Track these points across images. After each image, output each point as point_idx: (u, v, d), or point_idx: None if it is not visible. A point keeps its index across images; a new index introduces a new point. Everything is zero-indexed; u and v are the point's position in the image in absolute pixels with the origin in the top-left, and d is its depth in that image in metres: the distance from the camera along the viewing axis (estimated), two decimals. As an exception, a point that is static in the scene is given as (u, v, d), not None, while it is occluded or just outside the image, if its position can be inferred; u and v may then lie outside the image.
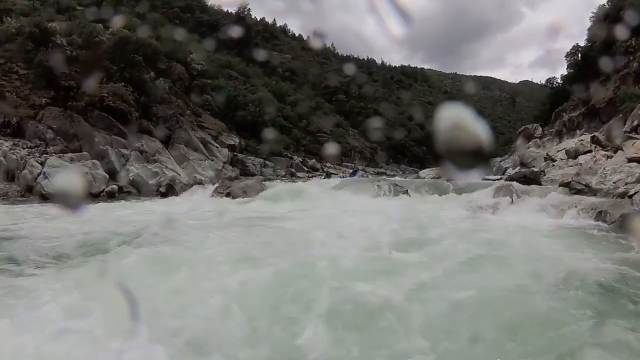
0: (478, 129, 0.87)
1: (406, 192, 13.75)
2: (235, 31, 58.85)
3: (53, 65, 25.02)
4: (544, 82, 62.44)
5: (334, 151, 39.05)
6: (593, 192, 10.70)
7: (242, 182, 17.23)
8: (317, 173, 33.49)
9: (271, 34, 77.28)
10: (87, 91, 25.51)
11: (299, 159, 37.70)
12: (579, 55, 36.66)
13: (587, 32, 37.39)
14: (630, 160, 13.53)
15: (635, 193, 8.56)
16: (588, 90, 31.61)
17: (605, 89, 28.24)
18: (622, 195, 9.41)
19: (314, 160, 40.64)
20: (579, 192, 10.94)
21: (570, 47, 39.36)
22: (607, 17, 32.58)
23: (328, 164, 40.78)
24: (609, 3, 34.94)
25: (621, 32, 28.88)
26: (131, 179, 21.31)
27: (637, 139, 16.70)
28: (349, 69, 71.03)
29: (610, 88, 27.44)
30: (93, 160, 21.51)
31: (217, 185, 18.34)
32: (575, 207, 9.40)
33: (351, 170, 32.98)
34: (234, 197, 15.22)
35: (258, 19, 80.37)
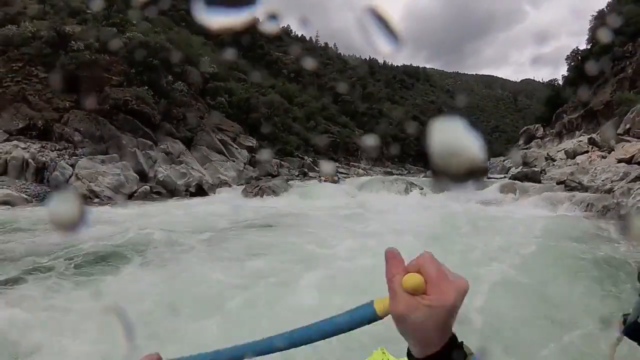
0: (471, 149, 0.69)
1: (421, 189, 15.80)
2: (242, 32, 60.53)
3: (74, 69, 26.16)
4: (545, 80, 64.29)
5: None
6: (585, 188, 12.75)
7: (270, 182, 18.96)
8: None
9: (274, 35, 78.98)
10: (110, 95, 26.66)
11: (310, 159, 39.53)
12: (579, 58, 38.48)
13: (587, 34, 39.36)
14: (619, 160, 15.60)
15: (617, 189, 10.59)
16: (587, 92, 33.59)
17: (603, 92, 30.13)
18: (608, 191, 11.45)
19: (323, 160, 42.43)
20: (573, 189, 13.01)
21: (572, 45, 41.24)
22: (605, 23, 34.50)
23: (337, 164, 42.64)
24: (607, 8, 36.94)
25: (618, 38, 30.90)
26: (161, 179, 22.52)
27: (628, 141, 18.73)
28: (353, 69, 72.88)
29: (607, 91, 29.28)
30: (123, 162, 22.61)
31: (245, 185, 20.05)
32: (569, 201, 11.43)
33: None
34: (264, 196, 16.98)
35: (260, 19, 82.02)
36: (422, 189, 15.58)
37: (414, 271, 0.54)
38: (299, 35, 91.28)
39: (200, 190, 21.93)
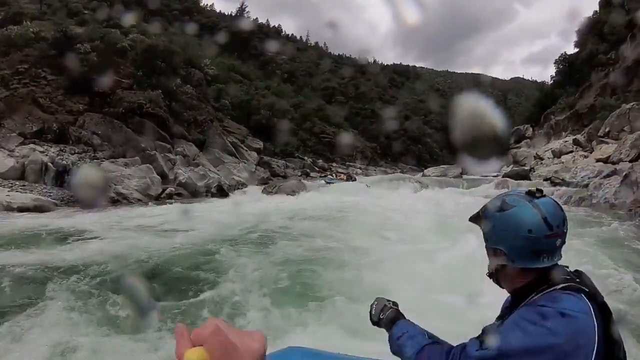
0: (495, 118, 0.94)
1: (427, 187, 18.77)
2: (235, 33, 62.33)
3: (84, 72, 26.46)
4: (535, 79, 67.81)
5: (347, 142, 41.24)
6: (567, 184, 15.82)
7: (288, 182, 21.46)
8: (328, 174, 37.50)
9: (266, 35, 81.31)
10: (124, 98, 27.58)
11: (310, 159, 42.08)
12: (567, 63, 41.76)
13: (575, 38, 42.68)
14: (597, 160, 18.79)
15: (591, 184, 13.66)
16: (573, 96, 36.86)
17: (588, 96, 33.32)
18: (585, 186, 14.53)
19: (321, 160, 45.18)
20: (557, 184, 16.09)
21: (561, 44, 44.46)
22: (592, 30, 37.79)
23: (334, 165, 45.46)
24: (594, 16, 40.20)
25: (603, 45, 34.14)
26: (182, 181, 23.99)
27: (607, 142, 21.90)
28: (345, 69, 75.46)
29: (592, 95, 32.41)
30: (147, 164, 23.81)
31: (264, 185, 22.28)
32: (552, 194, 14.38)
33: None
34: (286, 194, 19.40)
35: (251, 19, 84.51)
36: (427, 186, 18.61)
37: (198, 344, 0.56)
38: (290, 35, 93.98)
39: (220, 191, 23.67)
